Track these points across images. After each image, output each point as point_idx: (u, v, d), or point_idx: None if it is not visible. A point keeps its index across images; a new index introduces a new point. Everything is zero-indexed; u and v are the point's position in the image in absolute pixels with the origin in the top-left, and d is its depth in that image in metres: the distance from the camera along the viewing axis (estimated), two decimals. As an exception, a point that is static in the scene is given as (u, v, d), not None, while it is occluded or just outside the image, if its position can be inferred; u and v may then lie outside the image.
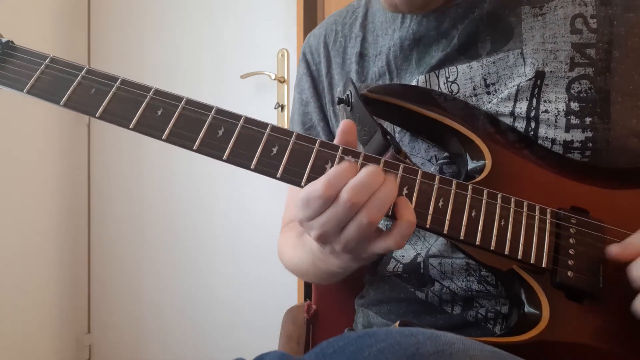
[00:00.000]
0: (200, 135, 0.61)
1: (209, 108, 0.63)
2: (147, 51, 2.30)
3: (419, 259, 0.73)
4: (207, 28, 2.13)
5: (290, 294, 1.86)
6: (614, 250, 0.59)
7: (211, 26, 2.12)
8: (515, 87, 0.70)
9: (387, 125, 0.78)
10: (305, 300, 1.10)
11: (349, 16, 0.89)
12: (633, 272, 0.57)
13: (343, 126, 0.61)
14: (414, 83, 0.77)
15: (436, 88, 0.75)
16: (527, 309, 0.61)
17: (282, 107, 1.90)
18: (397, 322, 0.59)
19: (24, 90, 0.64)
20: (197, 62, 2.16)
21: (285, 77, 1.90)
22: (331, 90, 0.88)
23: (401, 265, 0.75)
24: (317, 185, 0.56)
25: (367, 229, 0.56)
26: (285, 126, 1.88)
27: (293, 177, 0.60)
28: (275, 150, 0.61)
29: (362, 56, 0.84)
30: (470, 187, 0.61)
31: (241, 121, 0.62)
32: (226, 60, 2.08)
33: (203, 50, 2.15)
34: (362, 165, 0.59)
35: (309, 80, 0.91)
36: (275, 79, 1.90)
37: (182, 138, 0.61)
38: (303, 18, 1.86)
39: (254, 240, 2.02)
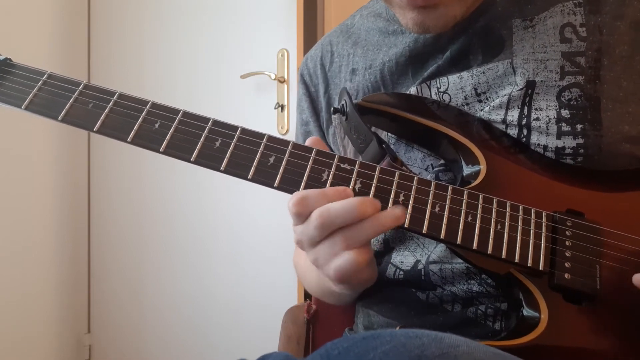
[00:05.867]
0: (197, 147, 0.62)
1: (205, 120, 0.63)
2: (147, 51, 2.30)
3: (420, 266, 0.73)
4: (207, 28, 2.13)
5: (290, 294, 1.87)
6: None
7: (211, 26, 2.12)
8: (507, 96, 0.71)
9: (382, 134, 0.78)
10: (305, 300, 1.10)
11: (342, 35, 0.90)
12: None
13: (309, 143, 0.63)
14: None
15: None
16: (526, 311, 0.61)
17: (282, 107, 1.90)
18: (398, 327, 0.60)
19: (22, 107, 0.65)
20: (197, 63, 2.16)
21: (285, 77, 1.89)
22: (329, 110, 0.88)
23: (402, 272, 0.75)
24: (292, 199, 0.58)
25: (338, 252, 0.59)
26: (286, 126, 1.89)
27: (290, 186, 0.60)
28: (272, 160, 0.61)
29: (353, 72, 0.85)
30: (465, 192, 0.62)
31: (237, 132, 0.62)
32: (226, 60, 2.08)
33: (203, 50, 2.14)
34: (357, 179, 0.60)
35: (308, 101, 0.92)
36: (275, 79, 1.90)
37: (179, 150, 0.62)
38: (303, 18, 1.86)
39: (254, 241, 2.02)
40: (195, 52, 2.17)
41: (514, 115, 0.70)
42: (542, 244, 0.61)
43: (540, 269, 0.60)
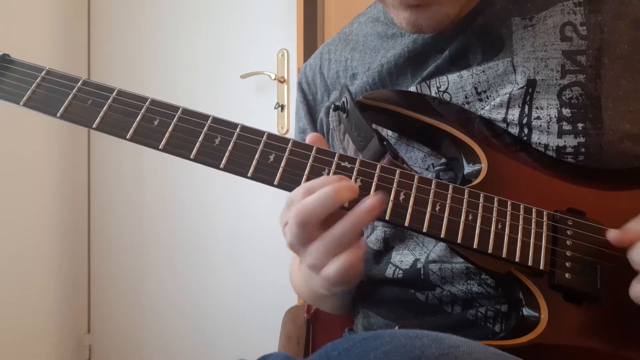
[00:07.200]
0: (197, 145, 0.61)
1: (205, 117, 0.63)
2: (147, 51, 2.30)
3: (419, 265, 0.73)
4: (207, 28, 2.13)
5: (290, 294, 1.85)
6: (613, 235, 0.59)
7: (211, 26, 2.12)
8: (507, 94, 0.71)
9: (383, 132, 0.78)
10: (305, 300, 1.10)
11: (340, 43, 0.90)
12: (633, 255, 0.57)
13: (309, 139, 0.63)
14: None
15: None
16: (526, 311, 0.61)
17: (282, 107, 1.90)
18: (397, 327, 0.59)
19: (20, 103, 0.64)
20: (197, 62, 2.16)
21: (285, 77, 1.90)
22: (328, 116, 0.88)
23: (401, 272, 0.75)
24: (297, 192, 0.58)
25: (331, 257, 0.58)
26: (286, 126, 1.89)
27: (290, 184, 0.60)
28: (272, 157, 0.61)
29: (354, 77, 0.85)
30: (466, 191, 0.61)
31: (237, 130, 0.62)
32: (226, 60, 2.08)
33: (203, 50, 2.15)
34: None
35: (305, 109, 0.92)
36: (275, 79, 1.90)
37: (179, 148, 0.61)
38: (303, 18, 1.86)
39: (254, 240, 2.02)
40: (195, 52, 2.17)
41: (514, 114, 0.70)
42: (543, 244, 0.60)
43: (541, 268, 0.59)
